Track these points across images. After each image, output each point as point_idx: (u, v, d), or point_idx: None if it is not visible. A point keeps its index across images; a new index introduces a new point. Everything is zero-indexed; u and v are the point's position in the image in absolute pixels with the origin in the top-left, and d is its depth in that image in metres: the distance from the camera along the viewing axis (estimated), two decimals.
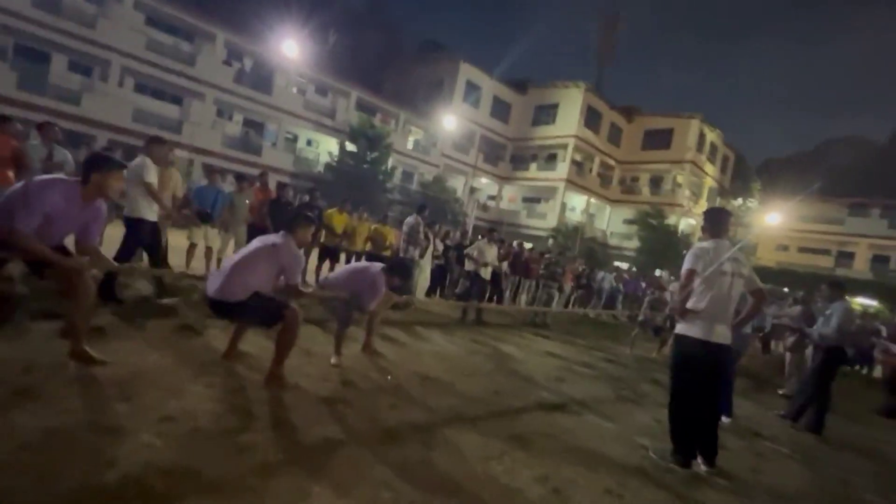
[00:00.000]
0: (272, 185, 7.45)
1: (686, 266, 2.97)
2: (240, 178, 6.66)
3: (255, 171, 18.48)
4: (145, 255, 4.78)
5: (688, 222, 29.02)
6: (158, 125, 18.77)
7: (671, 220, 25.83)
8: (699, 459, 2.93)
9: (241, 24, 23.11)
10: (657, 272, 17.58)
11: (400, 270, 3.81)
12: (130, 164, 3.93)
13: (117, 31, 17.83)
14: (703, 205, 30.87)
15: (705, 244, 3.00)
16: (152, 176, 4.19)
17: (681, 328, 3.01)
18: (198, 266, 6.28)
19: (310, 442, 2.28)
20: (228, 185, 13.30)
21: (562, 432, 3.14)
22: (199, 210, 5.94)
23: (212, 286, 2.87)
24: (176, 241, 6.22)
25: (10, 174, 4.40)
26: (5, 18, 15.78)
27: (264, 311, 2.87)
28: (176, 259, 6.14)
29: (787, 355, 6.67)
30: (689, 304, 2.94)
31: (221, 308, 2.90)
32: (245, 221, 6.32)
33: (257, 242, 3.03)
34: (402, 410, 2.92)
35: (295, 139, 24.83)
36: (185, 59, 19.76)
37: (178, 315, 4.00)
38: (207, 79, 20.00)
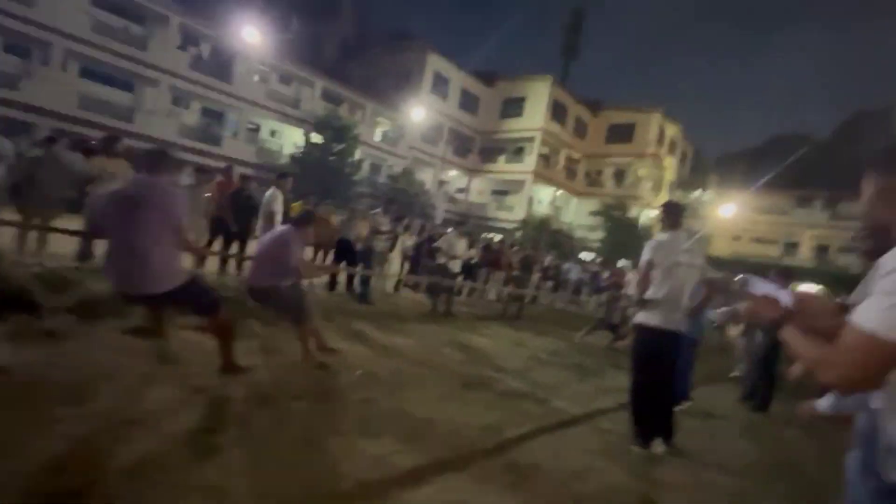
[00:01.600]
0: (234, 177, 7.19)
1: (644, 257, 3.09)
2: (200, 170, 6.39)
3: (214, 163, 17.79)
4: None
5: (648, 215, 30.12)
6: (109, 113, 17.71)
7: (633, 212, 26.73)
8: (658, 440, 3.08)
9: (197, 7, 21.97)
10: (620, 262, 18.20)
11: (306, 219, 3.71)
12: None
13: (59, 11, 16.58)
14: (664, 197, 32.11)
15: (663, 236, 3.13)
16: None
17: (640, 317, 3.14)
18: None
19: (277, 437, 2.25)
20: (188, 178, 12.75)
21: (529, 419, 3.23)
22: None
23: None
24: None
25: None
26: None
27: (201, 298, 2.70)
28: None
29: (739, 340, 7.08)
30: (647, 294, 3.08)
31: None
32: (206, 215, 6.08)
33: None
34: (372, 404, 2.92)
35: (257, 129, 23.99)
36: (136, 43, 18.64)
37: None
38: (161, 64, 18.95)
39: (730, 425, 4.16)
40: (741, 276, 1.19)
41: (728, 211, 26.58)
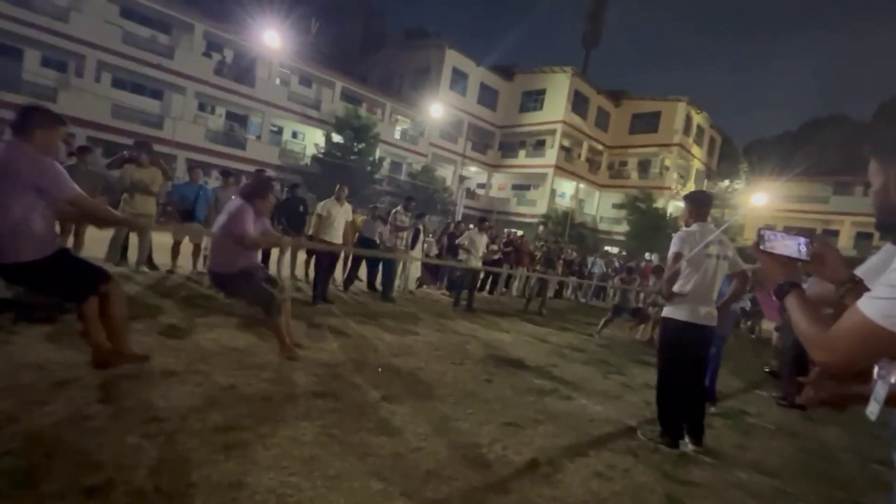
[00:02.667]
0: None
1: (672, 250, 3.00)
2: (225, 173, 6.56)
3: (239, 166, 18.26)
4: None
5: (676, 205, 29.19)
6: (139, 121, 18.38)
7: (659, 203, 26.01)
8: (686, 439, 2.99)
9: (220, 14, 22.50)
10: (647, 256, 17.75)
11: (253, 188, 3.48)
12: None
13: (91, 25, 17.32)
14: (691, 187, 31.12)
15: (691, 228, 3.03)
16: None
17: (668, 311, 3.05)
18: (185, 265, 6.21)
19: (300, 435, 2.28)
20: (215, 181, 13.13)
21: (552, 417, 3.18)
22: (180, 208, 5.87)
23: None
24: (161, 239, 6.13)
25: None
26: None
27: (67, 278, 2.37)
28: (161, 258, 6.07)
29: (775, 334, 6.80)
30: (675, 287, 2.98)
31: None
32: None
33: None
34: (392, 401, 2.92)
35: (280, 131, 24.48)
36: (164, 52, 19.29)
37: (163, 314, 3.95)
38: (187, 71, 19.56)
39: (763, 423, 4.00)
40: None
41: (761, 199, 25.55)
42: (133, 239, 5.73)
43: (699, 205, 3.11)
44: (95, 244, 5.43)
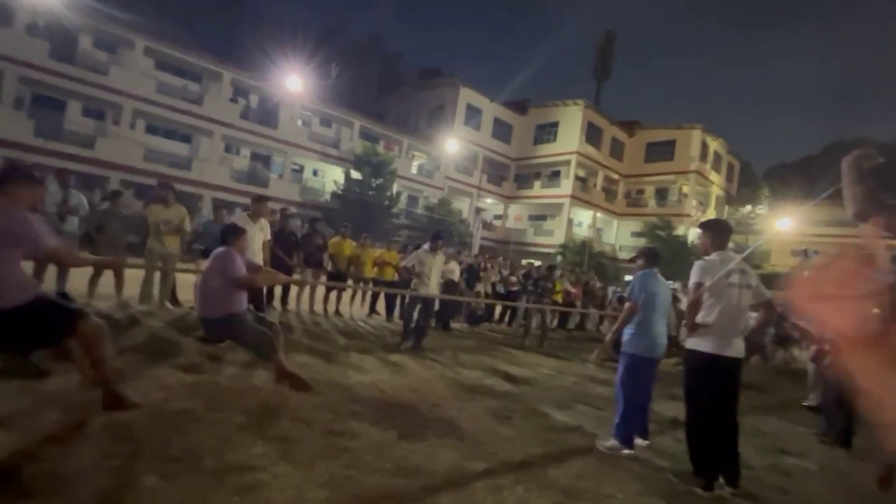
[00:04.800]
0: (278, 216, 7.56)
1: (693, 279, 2.92)
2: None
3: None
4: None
5: (697, 232, 28.67)
6: (169, 163, 19.32)
7: (680, 230, 25.62)
8: (721, 480, 2.81)
9: (247, 62, 23.97)
10: (670, 284, 17.31)
11: (233, 231, 3.61)
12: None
13: (129, 77, 18.60)
14: (711, 213, 30.64)
15: (712, 257, 2.96)
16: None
17: (692, 343, 2.94)
18: None
19: (316, 476, 2.23)
20: (238, 219, 13.50)
21: (576, 456, 3.04)
22: (204, 247, 6.06)
23: None
24: (185, 276, 6.30)
25: None
26: (24, 70, 16.55)
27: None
28: (185, 294, 6.22)
29: (810, 365, 6.45)
30: (698, 319, 2.89)
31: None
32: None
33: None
34: (410, 438, 2.85)
35: (301, 170, 25.34)
36: (194, 99, 20.49)
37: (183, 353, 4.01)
38: (215, 116, 20.65)
39: (806, 463, 3.74)
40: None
41: (784, 225, 24.93)
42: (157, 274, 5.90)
43: (718, 232, 3.05)
44: (134, 284, 5.62)
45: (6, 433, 2.20)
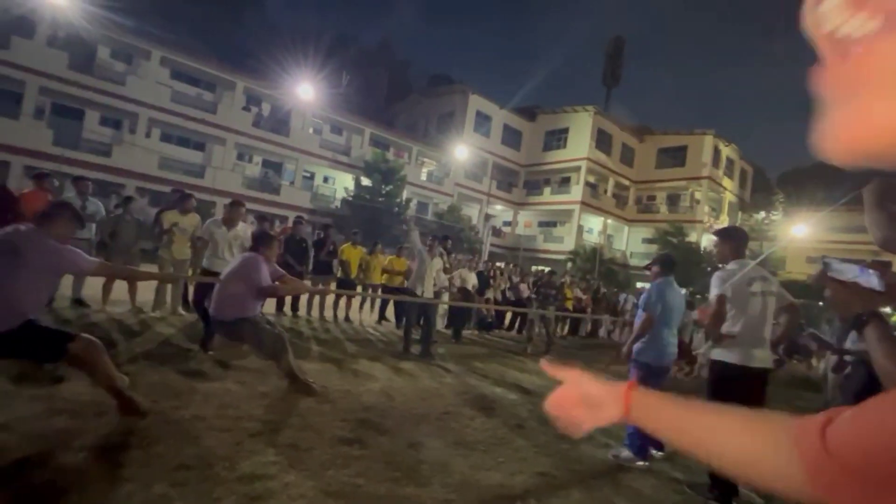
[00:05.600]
0: (289, 223, 7.63)
1: (714, 291, 2.88)
2: (261, 218, 6.86)
3: (275, 211, 19.06)
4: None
5: (710, 238, 28.29)
6: (183, 171, 19.62)
7: (692, 237, 25.30)
8: (742, 491, 2.73)
9: (259, 71, 24.33)
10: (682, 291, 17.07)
11: (264, 240, 3.67)
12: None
13: (145, 86, 18.99)
14: (725, 220, 30.22)
15: (731, 266, 2.89)
16: None
17: (717, 354, 2.88)
18: None
19: (327, 485, 2.22)
20: (250, 225, 13.67)
21: (588, 467, 2.98)
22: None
23: None
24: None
25: None
26: (44, 81, 16.99)
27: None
28: None
29: (830, 376, 6.28)
30: (723, 329, 2.84)
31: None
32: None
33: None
34: (419, 448, 2.82)
35: (312, 177, 25.57)
36: (208, 108, 20.83)
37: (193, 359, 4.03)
38: (228, 125, 20.97)
39: None
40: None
41: (800, 231, 24.51)
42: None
43: (735, 241, 2.98)
44: (147, 290, 5.68)
45: (19, 438, 2.22)
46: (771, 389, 3.22)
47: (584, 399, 0.67)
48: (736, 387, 2.74)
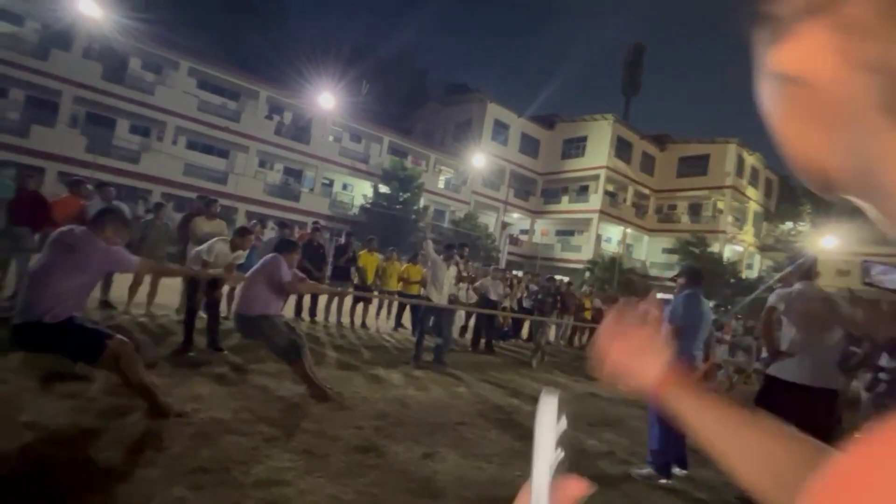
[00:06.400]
0: (308, 229, 7.72)
1: (768, 304, 2.96)
2: (282, 225, 6.97)
3: (295, 217, 19.36)
4: None
5: (733, 249, 27.62)
6: (207, 177, 20.13)
7: (715, 247, 24.71)
8: None
9: (281, 80, 24.91)
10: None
11: (288, 245, 3.92)
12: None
13: (173, 96, 19.63)
14: (749, 230, 29.44)
15: (794, 287, 2.92)
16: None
17: (773, 370, 2.84)
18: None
19: (342, 493, 2.20)
20: (270, 231, 13.94)
21: (609, 484, 2.90)
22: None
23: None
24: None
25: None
26: (79, 91, 17.73)
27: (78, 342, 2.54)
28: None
29: (864, 395, 6.01)
30: (783, 347, 2.81)
31: None
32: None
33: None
34: (436, 460, 2.79)
35: (331, 184, 25.94)
36: (232, 116, 21.39)
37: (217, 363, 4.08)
38: (251, 133, 21.48)
39: None
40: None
41: (829, 243, 23.71)
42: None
43: (806, 267, 2.99)
44: (169, 292, 5.82)
45: (45, 437, 2.27)
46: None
47: (637, 344, 0.58)
48: (789, 405, 2.63)
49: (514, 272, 11.49)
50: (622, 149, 28.73)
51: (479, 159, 22.85)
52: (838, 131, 0.20)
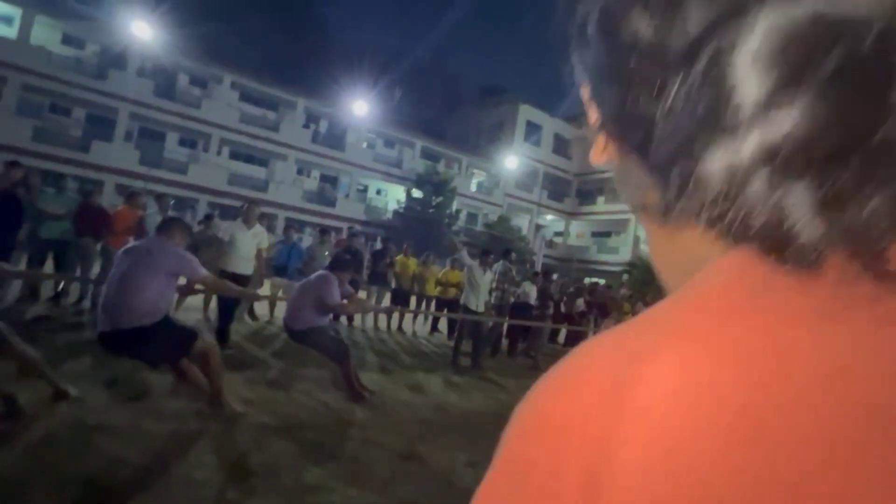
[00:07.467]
0: (344, 235, 7.88)
1: None
2: (323, 231, 7.15)
3: (331, 223, 19.86)
4: None
5: None
6: (249, 186, 20.97)
7: None
8: None
9: (317, 90, 25.66)
10: None
11: (341, 264, 3.95)
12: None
13: (217, 109, 20.62)
14: None
15: None
16: None
17: None
18: (279, 314, 6.68)
19: (387, 502, 2.20)
20: (307, 237, 14.33)
21: None
22: (275, 264, 6.43)
23: None
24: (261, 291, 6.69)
25: (131, 240, 5.09)
26: (134, 108, 18.92)
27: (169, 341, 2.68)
28: (260, 308, 6.61)
29: None
30: None
31: None
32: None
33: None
34: (480, 470, 2.74)
35: (365, 189, 26.44)
36: (271, 126, 22.22)
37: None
38: (289, 142, 22.23)
39: None
40: None
41: None
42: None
43: None
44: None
45: (110, 439, 2.40)
46: None
47: None
48: None
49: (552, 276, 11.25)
50: None
51: (512, 161, 22.70)
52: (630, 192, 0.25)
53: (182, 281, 2.94)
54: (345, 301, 3.92)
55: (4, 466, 2.00)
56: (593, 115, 0.26)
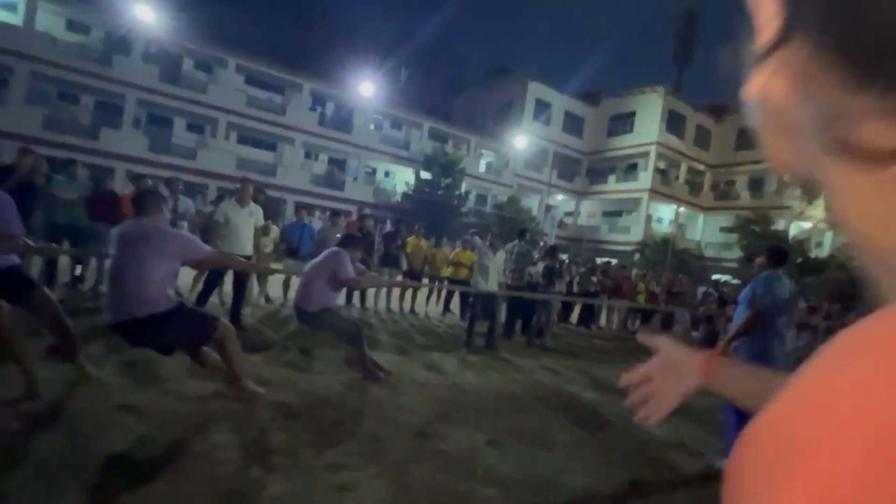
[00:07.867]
0: (354, 217, 7.84)
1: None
2: (334, 213, 7.12)
3: (340, 206, 19.83)
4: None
5: (800, 226, 25.49)
6: (257, 170, 20.93)
7: (779, 225, 22.91)
8: None
9: (323, 72, 25.30)
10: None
11: (353, 241, 3.95)
12: None
13: (223, 93, 20.45)
14: (821, 204, 26.99)
15: None
16: None
17: None
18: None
19: (410, 479, 2.20)
20: (317, 221, 14.34)
21: (683, 479, 2.74)
22: (287, 245, 6.42)
23: None
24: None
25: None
26: (140, 93, 18.85)
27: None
28: (274, 291, 6.64)
29: None
30: None
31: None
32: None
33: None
34: (499, 448, 2.74)
35: (373, 172, 26.26)
36: (278, 110, 22.04)
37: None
38: (296, 125, 22.05)
39: None
40: None
41: None
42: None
43: None
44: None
45: (136, 419, 2.42)
46: None
47: (671, 366, 0.64)
48: None
49: (562, 256, 11.15)
50: (674, 123, 27.07)
51: (521, 141, 22.32)
52: (793, 143, 0.21)
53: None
54: (359, 277, 3.92)
55: (26, 445, 2.03)
56: (770, 24, 0.20)
